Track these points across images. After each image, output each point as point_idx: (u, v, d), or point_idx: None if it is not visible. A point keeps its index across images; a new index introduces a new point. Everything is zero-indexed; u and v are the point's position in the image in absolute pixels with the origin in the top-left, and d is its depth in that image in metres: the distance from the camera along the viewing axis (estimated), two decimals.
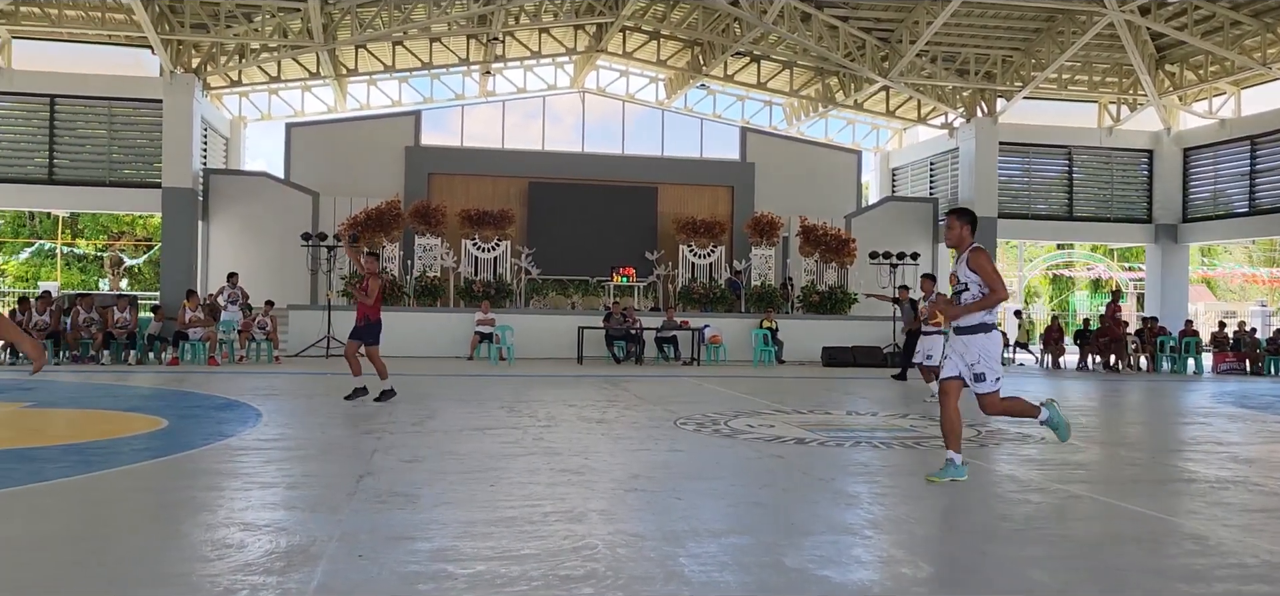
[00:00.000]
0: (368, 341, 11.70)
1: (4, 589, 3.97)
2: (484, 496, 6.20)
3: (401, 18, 24.59)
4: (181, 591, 4.16)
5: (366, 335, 11.69)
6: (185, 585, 4.25)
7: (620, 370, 18.60)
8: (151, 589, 4.20)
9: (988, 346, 6.86)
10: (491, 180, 28.65)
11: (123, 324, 18.89)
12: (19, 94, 24.39)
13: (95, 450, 7.91)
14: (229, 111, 29.47)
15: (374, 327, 11.78)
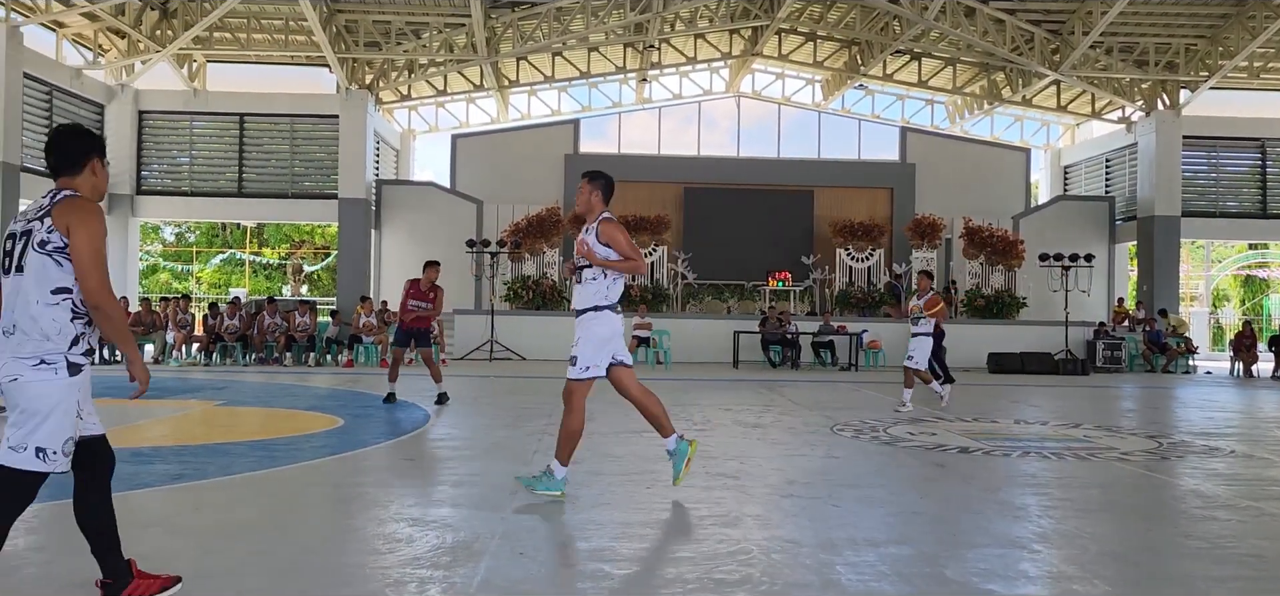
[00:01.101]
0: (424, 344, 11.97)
1: (192, 576, 4.27)
2: (640, 498, 6.26)
3: (560, 29, 25.15)
4: (354, 582, 4.38)
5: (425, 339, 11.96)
6: (358, 576, 4.47)
7: (776, 375, 18.45)
8: (326, 579, 4.43)
9: (594, 326, 6.08)
10: (648, 186, 28.92)
11: (303, 328, 20.01)
12: (213, 114, 26.21)
13: (279, 446, 8.40)
14: (399, 125, 30.86)
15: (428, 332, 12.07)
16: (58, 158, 3.65)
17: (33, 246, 3.47)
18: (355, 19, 24.66)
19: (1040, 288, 24.54)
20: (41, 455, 3.49)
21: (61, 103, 23.18)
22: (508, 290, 23.50)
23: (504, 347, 21.55)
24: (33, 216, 3.55)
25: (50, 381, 3.49)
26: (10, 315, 3.51)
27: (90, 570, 3.93)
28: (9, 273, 3.54)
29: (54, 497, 4.51)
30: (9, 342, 3.51)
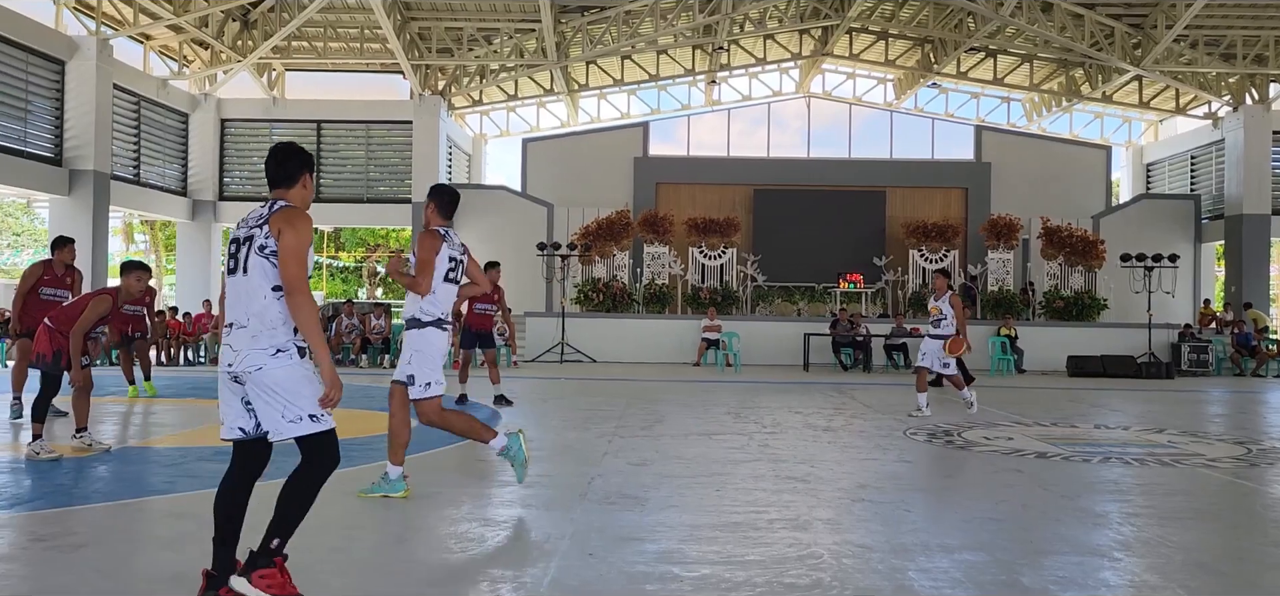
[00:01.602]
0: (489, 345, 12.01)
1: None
2: (710, 501, 6.25)
3: (629, 32, 25.24)
4: (428, 581, 4.45)
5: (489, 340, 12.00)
6: (431, 575, 4.54)
7: (847, 378, 18.26)
8: (401, 577, 4.51)
9: (418, 344, 6.02)
10: (717, 188, 28.85)
11: (378, 330, 20.39)
12: (291, 121, 26.86)
13: (354, 446, 8.56)
14: (471, 130, 31.27)
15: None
16: (276, 171, 4.12)
17: (254, 251, 3.92)
18: (428, 26, 25.05)
19: (1122, 289, 23.87)
20: (315, 419, 3.99)
21: (149, 112, 23.96)
22: (578, 293, 23.65)
23: (574, 349, 21.69)
24: (254, 224, 3.99)
25: (287, 364, 3.93)
26: (241, 311, 3.92)
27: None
28: (234, 273, 3.97)
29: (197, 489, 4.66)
30: (245, 335, 3.91)
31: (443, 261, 5.99)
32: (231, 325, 3.96)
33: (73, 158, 20.64)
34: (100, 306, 7.15)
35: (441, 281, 6.04)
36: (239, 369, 3.91)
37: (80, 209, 20.52)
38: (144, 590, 4.28)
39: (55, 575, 4.45)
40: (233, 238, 4.04)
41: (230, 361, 3.94)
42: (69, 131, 20.66)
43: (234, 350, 3.93)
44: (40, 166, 19.94)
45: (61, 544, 5.01)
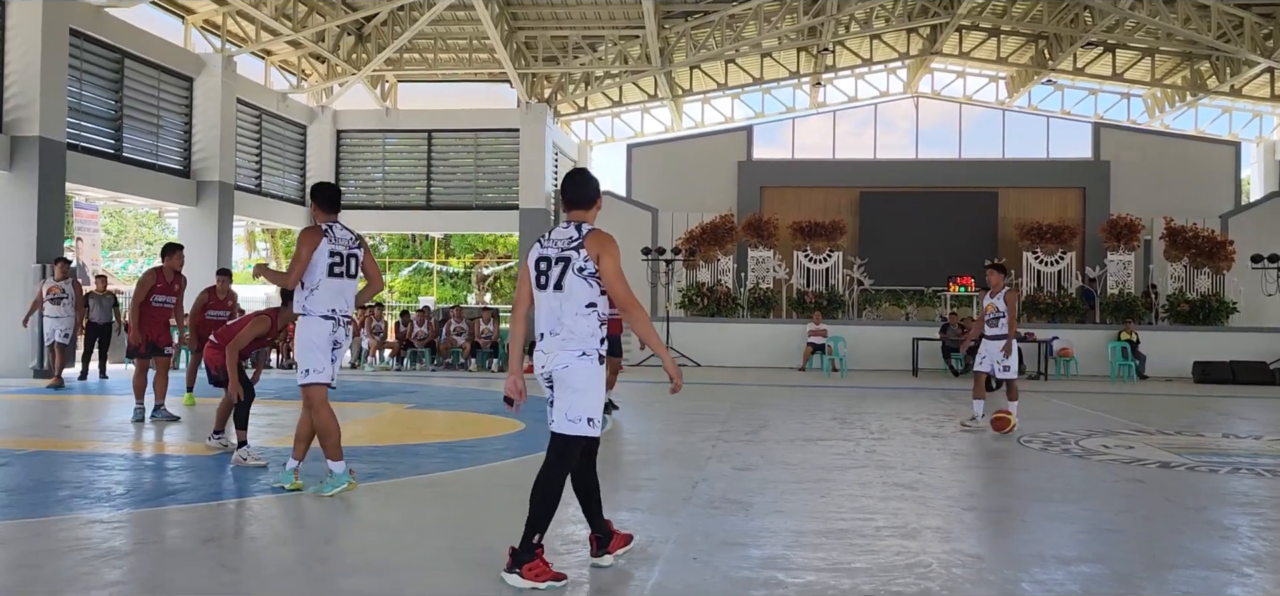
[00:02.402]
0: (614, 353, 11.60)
1: (380, 569, 4.51)
2: (815, 507, 6.19)
3: (733, 36, 25.17)
4: None
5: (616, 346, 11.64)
6: None
7: (958, 383, 17.83)
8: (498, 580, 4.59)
9: (303, 334, 6.22)
10: (823, 191, 28.53)
11: (487, 334, 20.78)
12: (403, 131, 27.62)
13: (464, 448, 8.76)
14: (576, 136, 31.63)
15: None
16: (577, 194, 4.57)
17: (572, 272, 4.39)
18: (534, 35, 25.45)
19: (1253, 292, 22.71)
20: (590, 423, 4.43)
21: (269, 125, 24.95)
22: (682, 297, 23.68)
23: (678, 353, 21.72)
24: (566, 247, 4.44)
25: (588, 367, 4.42)
26: (554, 321, 4.43)
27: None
28: (545, 288, 4.45)
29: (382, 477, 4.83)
30: (556, 341, 4.43)
31: (321, 255, 6.22)
32: (544, 334, 4.46)
33: (200, 169, 21.63)
34: (259, 326, 7.33)
35: (325, 276, 6.23)
36: (551, 369, 4.44)
37: (206, 218, 21.48)
38: (267, 581, 4.45)
39: (176, 570, 4.67)
40: (542, 256, 4.49)
41: (543, 365, 4.48)
42: (196, 145, 21.66)
43: (546, 355, 4.46)
44: (171, 178, 20.96)
45: (186, 539, 5.26)
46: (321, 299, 6.27)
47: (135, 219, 38.33)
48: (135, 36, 19.45)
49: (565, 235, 4.50)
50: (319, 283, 6.24)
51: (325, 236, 6.28)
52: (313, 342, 6.26)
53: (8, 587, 4.26)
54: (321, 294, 6.27)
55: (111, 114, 19.24)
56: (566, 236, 4.48)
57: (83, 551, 4.88)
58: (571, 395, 4.42)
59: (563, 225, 4.54)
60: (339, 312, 6.34)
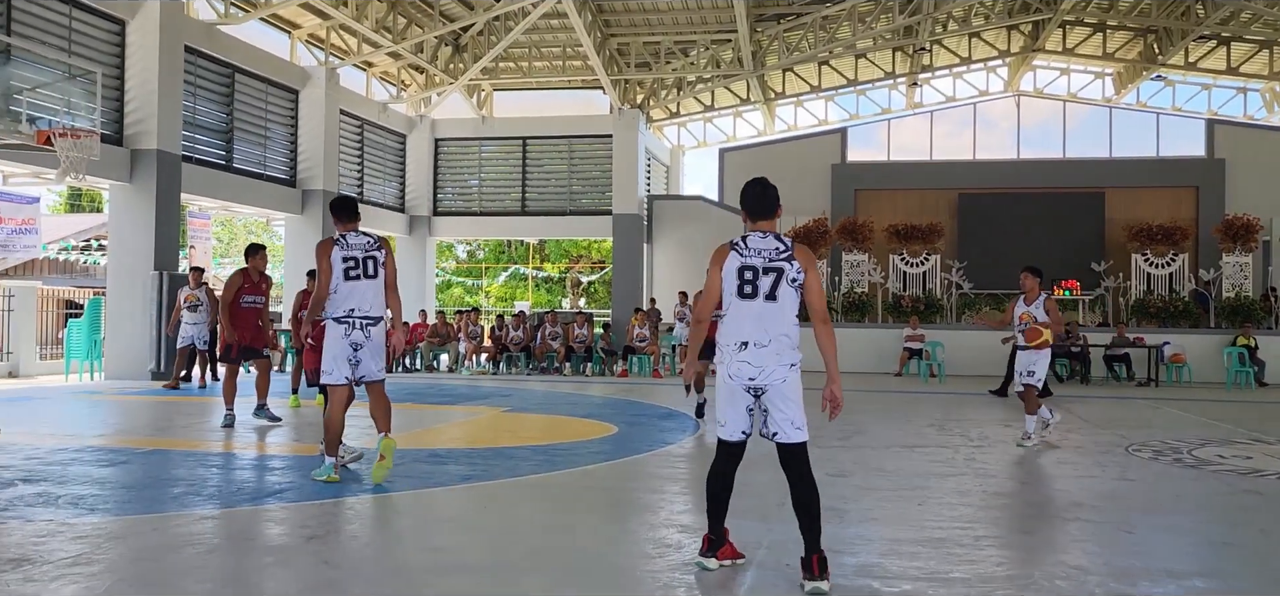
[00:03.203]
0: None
1: (480, 569, 4.59)
2: (912, 515, 6.08)
3: (826, 38, 24.92)
4: (627, 584, 4.54)
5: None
6: (629, 578, 4.64)
7: (1063, 390, 17.29)
8: (601, 580, 4.63)
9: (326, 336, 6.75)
10: (919, 193, 28.00)
11: (581, 338, 20.97)
12: (499, 138, 28.07)
13: (558, 451, 8.86)
14: (669, 141, 31.70)
15: None
16: (762, 206, 4.70)
17: (786, 282, 4.49)
18: (627, 42, 25.61)
19: None
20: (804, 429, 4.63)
21: (370, 135, 25.64)
22: None
23: None
24: (776, 258, 4.52)
25: (798, 377, 4.62)
26: (762, 332, 4.49)
27: None
28: (754, 298, 4.48)
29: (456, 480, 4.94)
30: (766, 352, 4.48)
31: (336, 263, 6.43)
32: (748, 343, 4.48)
33: (304, 178, 22.35)
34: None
35: (341, 281, 6.62)
36: (765, 382, 4.50)
37: (311, 226, 22.17)
38: (367, 580, 4.58)
39: (281, 566, 4.83)
40: (748, 265, 4.52)
41: (752, 377, 4.49)
42: (301, 155, 22.39)
43: (755, 365, 4.49)
44: (277, 187, 21.70)
45: (291, 536, 5.44)
46: (338, 302, 6.67)
47: (245, 227, 39.79)
48: (245, 52, 20.22)
49: (770, 246, 4.55)
50: (336, 287, 6.66)
51: (337, 245, 6.72)
52: (330, 345, 6.71)
53: (129, 579, 4.46)
54: (338, 298, 6.68)
55: (223, 127, 20.03)
56: (773, 247, 4.55)
57: (196, 546, 5.09)
58: (794, 406, 4.56)
59: (759, 235, 4.60)
60: (356, 314, 6.65)
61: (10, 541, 5.04)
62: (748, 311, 4.49)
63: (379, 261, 6.77)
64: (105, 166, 15.67)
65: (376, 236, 6.89)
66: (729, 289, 4.55)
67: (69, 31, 16.04)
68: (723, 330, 4.59)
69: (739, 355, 4.50)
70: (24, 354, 18.04)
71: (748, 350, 4.48)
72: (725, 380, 4.56)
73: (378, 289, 6.75)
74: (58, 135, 12.84)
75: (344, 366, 6.67)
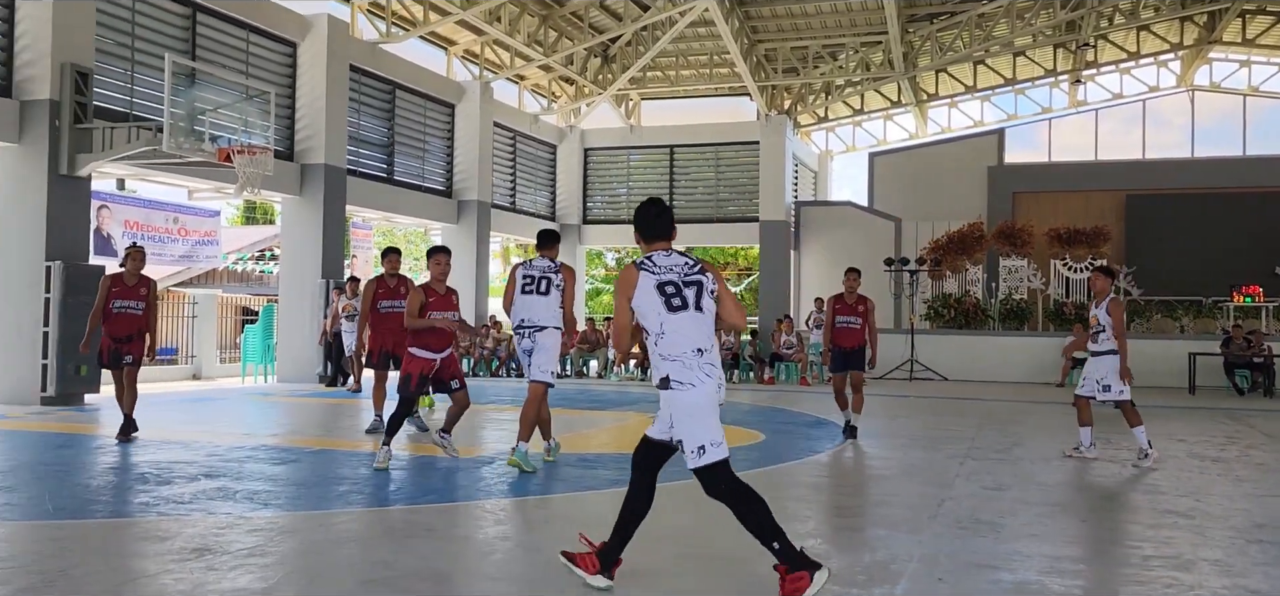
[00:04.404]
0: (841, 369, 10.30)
1: (627, 574, 4.63)
2: (1074, 531, 5.81)
3: (982, 36, 24.12)
4: (772, 593, 4.50)
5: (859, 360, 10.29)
6: (772, 590, 4.59)
7: (1243, 403, 16.18)
8: (746, 587, 4.61)
9: None
10: (1083, 195, 26.75)
11: (728, 346, 20.92)
12: (646, 147, 28.36)
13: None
14: (817, 146, 31.32)
15: None
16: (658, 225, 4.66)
17: (707, 294, 4.50)
18: (774, 48, 25.45)
19: None
20: None
21: (522, 145, 26.33)
22: (928, 309, 22.88)
23: (924, 367, 21.00)
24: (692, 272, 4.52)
25: None
26: (708, 338, 4.47)
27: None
28: (686, 308, 4.43)
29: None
30: (705, 360, 4.38)
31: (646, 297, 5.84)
32: (703, 350, 4.41)
33: (460, 189, 23.14)
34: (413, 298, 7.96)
35: (519, 293, 7.89)
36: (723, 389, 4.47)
37: (466, 235, 22.93)
38: (516, 579, 4.70)
39: (442, 562, 4.99)
40: (667, 281, 4.47)
41: (721, 381, 4.44)
42: (457, 166, 23.20)
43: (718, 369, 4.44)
44: (435, 198, 22.55)
45: (446, 534, 5.62)
46: (514, 312, 7.92)
47: (404, 237, 41.49)
48: (405, 69, 21.11)
49: (678, 262, 4.54)
50: (514, 299, 7.93)
51: (521, 266, 8.02)
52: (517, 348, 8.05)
53: (298, 571, 4.72)
54: (514, 308, 7.93)
55: (384, 141, 20.95)
56: (682, 263, 4.54)
57: (359, 542, 5.33)
58: None
59: (663, 254, 4.56)
60: (526, 323, 7.84)
61: (194, 532, 5.41)
62: (687, 322, 4.39)
63: (552, 281, 7.89)
64: (278, 181, 16.62)
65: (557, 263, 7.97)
66: (653, 308, 4.41)
67: (247, 55, 17.10)
68: (669, 347, 4.38)
69: (702, 361, 4.36)
70: (206, 357, 19.33)
71: (707, 355, 4.39)
72: (702, 380, 4.33)
73: (544, 304, 7.82)
74: (236, 152, 13.68)
75: (525, 359, 7.91)
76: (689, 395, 4.32)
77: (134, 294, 9.32)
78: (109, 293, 9.23)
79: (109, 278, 9.40)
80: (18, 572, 4.57)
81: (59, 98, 13.11)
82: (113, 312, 9.23)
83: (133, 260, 9.38)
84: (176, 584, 4.36)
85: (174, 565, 4.69)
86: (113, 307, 9.23)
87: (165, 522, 5.64)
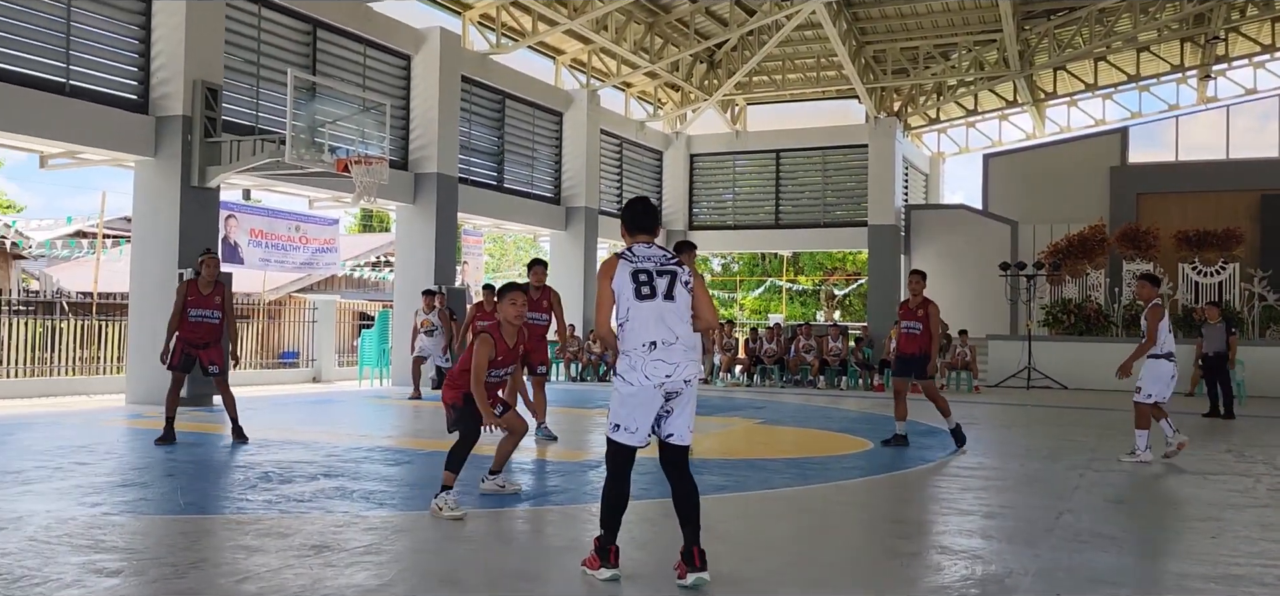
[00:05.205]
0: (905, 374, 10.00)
1: (729, 581, 4.62)
2: (1202, 548, 5.54)
3: (1104, 32, 23.26)
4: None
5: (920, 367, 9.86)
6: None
7: None
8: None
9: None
10: (1213, 196, 25.53)
11: (835, 352, 20.65)
12: (752, 152, 28.22)
13: (811, 465, 8.77)
14: (928, 148, 30.66)
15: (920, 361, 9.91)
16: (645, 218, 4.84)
17: (680, 284, 4.62)
18: (883, 49, 25.04)
19: None
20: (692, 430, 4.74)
21: (629, 152, 26.51)
22: (1046, 315, 22.15)
23: (1042, 375, 20.33)
24: (668, 262, 4.68)
25: None
26: (671, 331, 4.57)
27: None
28: (653, 297, 4.58)
29: None
30: (676, 350, 4.56)
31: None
32: (656, 343, 4.55)
33: (568, 196, 23.43)
34: (485, 349, 6.15)
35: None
36: (677, 380, 4.55)
37: (574, 241, 23.21)
38: (619, 585, 4.73)
39: (544, 564, 5.06)
40: (641, 269, 4.63)
41: (667, 374, 4.53)
42: (565, 173, 23.50)
43: (668, 364, 4.54)
44: (543, 205, 22.90)
45: (548, 537, 5.69)
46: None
47: (514, 244, 42.20)
48: (514, 78, 21.51)
49: (657, 253, 4.72)
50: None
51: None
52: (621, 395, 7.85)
53: (412, 569, 4.84)
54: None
55: (494, 149, 21.38)
56: (660, 254, 4.71)
57: (469, 543, 5.45)
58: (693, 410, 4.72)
59: (644, 245, 4.75)
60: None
61: (313, 529, 5.61)
62: (649, 312, 4.55)
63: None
64: (393, 190, 17.11)
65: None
66: (624, 295, 4.61)
67: (363, 68, 17.68)
68: (627, 339, 4.59)
69: (651, 355, 4.52)
70: (325, 361, 20.02)
71: (658, 349, 4.53)
72: (640, 383, 4.52)
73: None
74: (354, 162, 14.15)
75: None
76: (625, 389, 4.59)
77: (209, 303, 9.33)
78: (185, 300, 9.25)
79: (185, 285, 9.41)
80: (153, 563, 4.82)
81: (191, 113, 13.78)
82: (188, 321, 9.24)
83: (207, 267, 9.38)
84: (296, 578, 4.53)
85: (294, 560, 4.87)
86: (189, 316, 9.24)
87: (286, 520, 5.87)
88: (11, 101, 12.41)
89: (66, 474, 7.39)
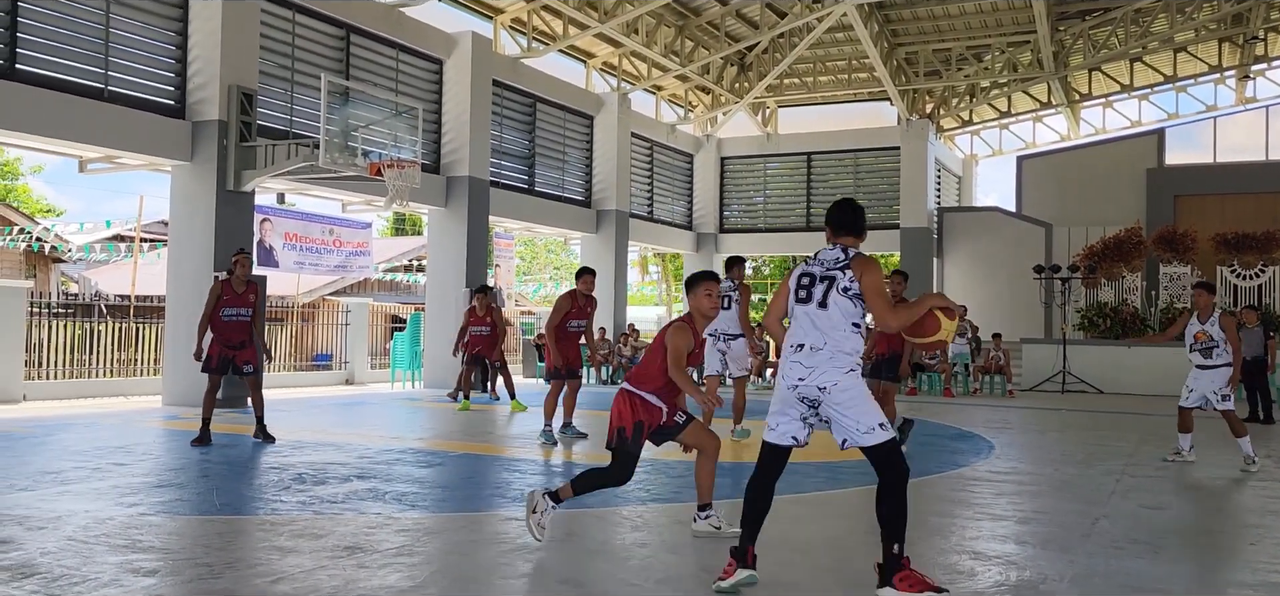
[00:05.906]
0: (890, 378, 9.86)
1: (764, 585, 4.60)
2: (1243, 555, 5.46)
3: (1139, 32, 22.99)
4: None
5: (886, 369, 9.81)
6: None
7: None
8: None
9: None
10: (1253, 198, 25.13)
11: (866, 355, 20.54)
12: (783, 155, 28.14)
13: (845, 469, 8.70)
14: (960, 151, 30.43)
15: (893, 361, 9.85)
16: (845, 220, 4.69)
17: (837, 291, 4.50)
18: (915, 51, 24.89)
19: None
20: (883, 427, 4.46)
21: (660, 155, 26.51)
22: (1081, 318, 21.89)
23: (1077, 379, 20.10)
24: (832, 267, 4.57)
25: (858, 380, 4.50)
26: (817, 337, 4.49)
27: (685, 567, 4.40)
28: (808, 303, 4.56)
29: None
30: (818, 356, 4.46)
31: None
32: (803, 346, 4.50)
33: (599, 199, 23.48)
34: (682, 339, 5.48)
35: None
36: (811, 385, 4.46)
37: (605, 244, 23.25)
38: (653, 589, 4.73)
39: (580, 569, 5.07)
40: (806, 273, 4.63)
41: (801, 377, 4.48)
42: (596, 177, 23.55)
43: (805, 366, 4.48)
44: (574, 208, 22.96)
45: (585, 541, 5.70)
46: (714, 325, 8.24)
47: (545, 247, 42.33)
48: (545, 82, 21.59)
49: (831, 256, 4.63)
50: None
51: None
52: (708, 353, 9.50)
53: (443, 571, 4.87)
54: None
55: (525, 152, 21.46)
56: (833, 257, 4.62)
57: (501, 545, 5.46)
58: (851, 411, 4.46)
59: (829, 248, 4.68)
60: (719, 332, 9.34)
61: (346, 530, 5.65)
62: (801, 316, 4.58)
63: (734, 298, 9.55)
64: (425, 193, 17.22)
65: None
66: (789, 298, 4.69)
67: (396, 73, 17.81)
68: (786, 339, 4.65)
69: (791, 358, 4.55)
70: (358, 363, 20.18)
71: (803, 352, 4.50)
72: (781, 384, 4.60)
73: (731, 317, 9.69)
74: (386, 166, 14.26)
75: (716, 361, 9.82)
76: (776, 389, 4.66)
77: (242, 301, 9.34)
78: (218, 300, 9.25)
79: (218, 284, 9.39)
80: (188, 563, 4.88)
81: (226, 118, 13.94)
82: (222, 320, 9.27)
83: (241, 266, 9.37)
84: (330, 579, 4.57)
85: (328, 561, 4.91)
86: (222, 315, 9.26)
87: (320, 521, 5.91)
88: (51, 107, 12.63)
89: (104, 474, 7.50)
